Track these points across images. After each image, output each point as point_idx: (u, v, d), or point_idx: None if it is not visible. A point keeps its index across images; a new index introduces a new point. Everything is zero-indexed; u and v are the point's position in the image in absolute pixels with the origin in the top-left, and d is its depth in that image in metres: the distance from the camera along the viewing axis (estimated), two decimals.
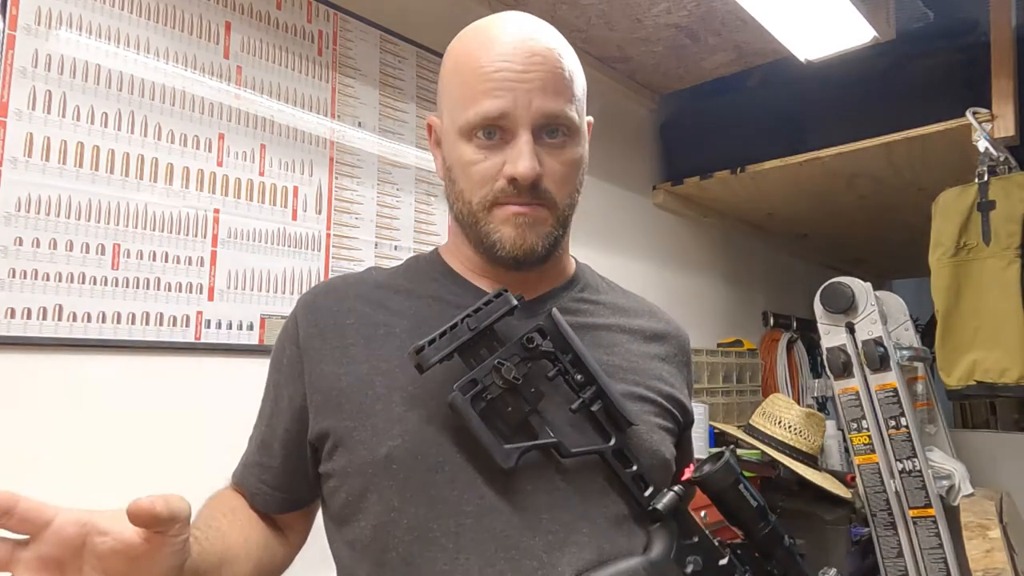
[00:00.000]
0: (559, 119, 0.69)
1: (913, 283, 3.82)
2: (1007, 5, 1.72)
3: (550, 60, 0.69)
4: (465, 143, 0.70)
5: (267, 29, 1.33)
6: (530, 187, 0.68)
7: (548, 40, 0.71)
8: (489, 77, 0.67)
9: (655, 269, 2.40)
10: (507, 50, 0.68)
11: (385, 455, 0.65)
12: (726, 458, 0.69)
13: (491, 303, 0.64)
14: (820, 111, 2.07)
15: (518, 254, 0.70)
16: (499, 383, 0.62)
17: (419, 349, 0.61)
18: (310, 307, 0.75)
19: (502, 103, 0.67)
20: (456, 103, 0.70)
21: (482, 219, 0.70)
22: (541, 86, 0.68)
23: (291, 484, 0.75)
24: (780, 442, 1.94)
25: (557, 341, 0.66)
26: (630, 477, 0.66)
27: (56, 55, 1.07)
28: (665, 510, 0.65)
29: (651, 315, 0.85)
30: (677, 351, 0.84)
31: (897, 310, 2.01)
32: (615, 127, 2.27)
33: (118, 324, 1.10)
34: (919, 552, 1.70)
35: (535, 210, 0.69)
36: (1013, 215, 1.63)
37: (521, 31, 0.70)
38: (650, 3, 1.77)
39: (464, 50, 0.72)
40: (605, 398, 0.65)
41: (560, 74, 0.69)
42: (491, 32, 0.71)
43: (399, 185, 1.53)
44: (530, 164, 0.66)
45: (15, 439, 1.00)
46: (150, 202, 1.15)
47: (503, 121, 0.67)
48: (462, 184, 0.71)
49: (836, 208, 2.57)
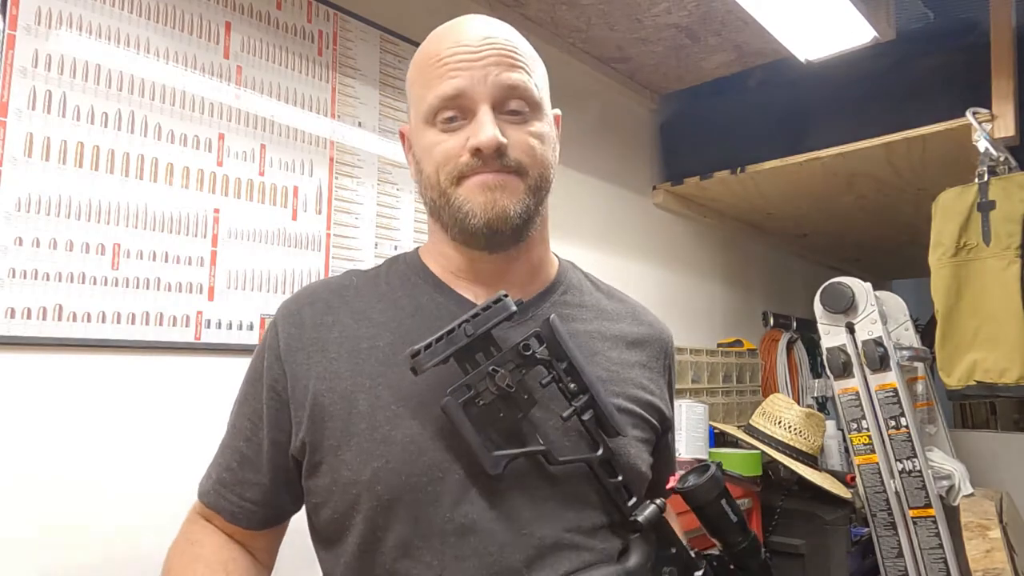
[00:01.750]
0: (517, 90, 0.70)
1: (913, 283, 3.82)
2: (1007, 5, 1.72)
3: (502, 40, 0.71)
4: (428, 129, 0.71)
5: (267, 29, 1.33)
6: (495, 156, 0.68)
7: (499, 26, 0.73)
8: (445, 62, 0.69)
9: (655, 269, 2.40)
10: (461, 37, 0.71)
11: (369, 476, 0.65)
12: (712, 472, 0.70)
13: (489, 308, 0.63)
14: (820, 111, 2.07)
15: (490, 218, 0.69)
16: (492, 389, 0.62)
17: (415, 353, 0.60)
18: (292, 319, 0.73)
19: (458, 82, 0.68)
20: (418, 95, 0.72)
21: (451, 194, 0.70)
22: (496, 61, 0.69)
23: (278, 498, 0.74)
24: (780, 442, 1.94)
25: (553, 348, 0.66)
26: (614, 487, 0.67)
27: (56, 55, 1.07)
28: (646, 522, 0.65)
29: (633, 317, 0.84)
30: (658, 354, 0.83)
31: (897, 310, 2.01)
32: (615, 127, 2.27)
33: (118, 324, 1.10)
34: (919, 552, 1.70)
35: (504, 176, 0.69)
36: (1013, 215, 1.63)
37: (475, 22, 0.73)
38: (650, 3, 1.77)
39: (423, 50, 0.74)
40: (597, 408, 0.65)
41: (514, 51, 0.71)
42: (445, 28, 0.74)
43: (399, 185, 1.53)
44: (491, 131, 0.67)
45: (15, 439, 1.00)
46: (150, 202, 1.15)
47: (462, 100, 0.68)
48: (430, 168, 0.71)
49: (836, 208, 2.57)
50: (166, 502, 1.02)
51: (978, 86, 1.74)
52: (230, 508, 0.73)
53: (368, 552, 0.66)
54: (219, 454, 0.77)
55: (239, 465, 0.74)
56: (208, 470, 0.77)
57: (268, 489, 0.73)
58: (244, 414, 0.74)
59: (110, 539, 1.07)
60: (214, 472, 0.76)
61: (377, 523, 0.65)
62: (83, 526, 1.05)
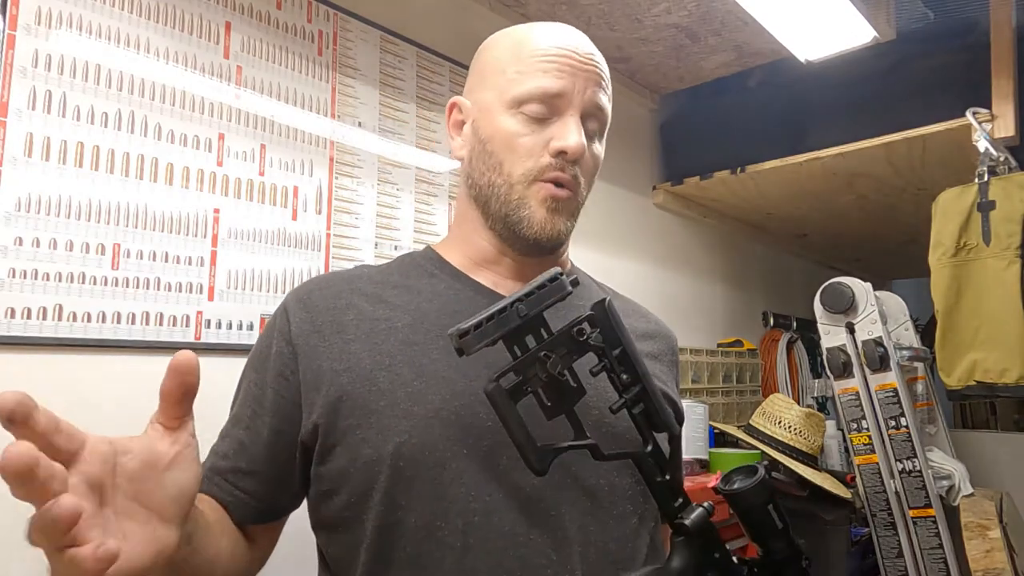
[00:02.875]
0: (602, 113, 0.75)
1: (913, 283, 3.81)
2: (1007, 5, 1.72)
3: (602, 66, 0.76)
4: (511, 116, 0.71)
5: (267, 29, 1.33)
6: (573, 163, 0.71)
7: (599, 53, 0.77)
8: (552, 58, 0.71)
9: (655, 269, 2.40)
10: (569, 41, 0.73)
11: (392, 452, 0.64)
12: (760, 476, 0.65)
13: (545, 287, 0.58)
14: (820, 111, 2.07)
15: (542, 237, 0.71)
16: (542, 376, 0.57)
17: (463, 333, 0.55)
18: (304, 303, 0.72)
19: (563, 82, 0.71)
20: (510, 78, 0.72)
21: (520, 192, 0.71)
22: (595, 80, 0.73)
23: (273, 491, 0.71)
24: (780, 442, 1.94)
25: (607, 333, 0.60)
26: (660, 486, 0.62)
27: (56, 55, 1.07)
28: (693, 527, 0.61)
29: (640, 315, 0.86)
30: (666, 349, 0.85)
31: (897, 310, 2.01)
32: (615, 127, 2.24)
33: (118, 324, 1.10)
34: (919, 552, 1.70)
35: (572, 195, 0.72)
36: (1013, 215, 1.63)
37: (580, 34, 0.76)
38: (650, 3, 1.77)
39: (522, 35, 0.75)
40: (648, 401, 0.61)
41: (606, 77, 0.76)
42: (553, 28, 0.76)
43: (399, 185, 1.53)
44: (579, 139, 0.70)
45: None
46: (150, 202, 1.15)
47: (558, 100, 0.71)
48: (503, 155, 0.71)
49: (836, 208, 2.57)
50: None
51: (978, 86, 1.74)
52: (221, 496, 0.71)
53: (387, 535, 0.64)
54: (217, 442, 0.75)
55: (235, 453, 0.72)
56: (206, 458, 0.74)
57: (263, 479, 0.71)
58: (245, 402, 0.73)
59: None
60: (209, 459, 0.73)
61: (399, 502, 0.64)
62: None
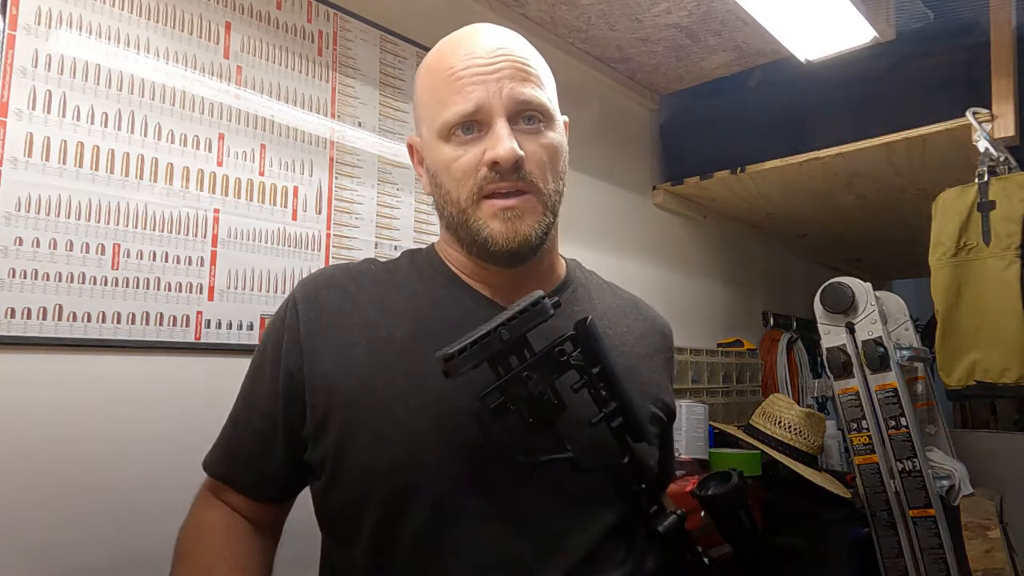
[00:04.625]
0: (531, 104, 0.71)
1: (913, 283, 3.82)
2: (1007, 5, 1.72)
3: (514, 52, 0.72)
4: (444, 144, 0.71)
5: (267, 29, 1.33)
6: (512, 169, 0.68)
7: (510, 37, 0.73)
8: (459, 76, 0.69)
9: (655, 269, 2.40)
10: (472, 49, 0.71)
11: (387, 463, 0.65)
12: (734, 483, 0.69)
13: (527, 312, 0.61)
14: (820, 111, 2.07)
15: (512, 247, 0.70)
16: (524, 395, 0.60)
17: (448, 357, 0.58)
18: (311, 301, 0.74)
19: (475, 97, 0.68)
20: (432, 110, 0.72)
21: (471, 215, 0.70)
22: (509, 74, 0.70)
23: (289, 474, 0.75)
24: (780, 442, 1.93)
25: (587, 352, 0.63)
26: (637, 494, 0.66)
27: (56, 55, 1.07)
28: (665, 532, 0.64)
29: (636, 310, 0.86)
30: (660, 346, 0.85)
31: (897, 310, 2.01)
32: (615, 127, 2.27)
33: (118, 324, 1.10)
34: (919, 552, 1.70)
35: (522, 200, 0.70)
36: (1013, 215, 1.63)
37: (483, 32, 0.73)
38: (650, 3, 1.77)
39: (433, 61, 0.74)
40: (627, 415, 0.64)
41: (525, 63, 0.72)
42: (455, 39, 0.74)
43: (399, 185, 1.53)
44: (508, 145, 0.67)
45: (15, 439, 1.00)
46: (150, 202, 1.15)
47: (479, 115, 0.69)
48: (447, 184, 0.71)
49: (836, 208, 2.57)
50: (167, 502, 1.02)
51: (978, 86, 1.74)
52: (242, 480, 0.75)
53: (380, 542, 0.66)
54: (232, 426, 0.77)
55: (251, 439, 0.74)
56: (218, 442, 0.78)
57: (281, 464, 0.74)
58: (259, 391, 0.75)
59: (111, 539, 1.07)
60: (225, 445, 0.77)
61: (392, 510, 0.66)
62: (83, 526, 1.05)
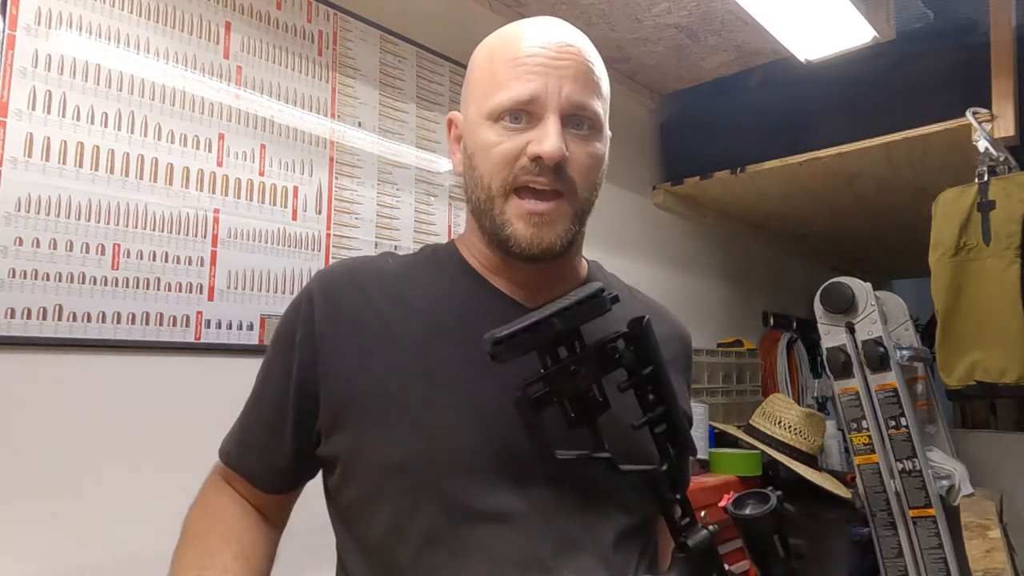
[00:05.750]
0: (587, 110, 0.70)
1: (913, 283, 3.82)
2: (1007, 5, 1.72)
3: (583, 54, 0.70)
4: (490, 127, 0.69)
5: (267, 29, 1.33)
6: (554, 169, 0.67)
7: (582, 39, 0.72)
8: (522, 62, 0.68)
9: (655, 269, 2.40)
10: (542, 39, 0.69)
11: (400, 460, 0.65)
12: (772, 504, 0.65)
13: (584, 303, 0.57)
14: (820, 111, 2.07)
15: (534, 252, 0.68)
16: (569, 389, 0.57)
17: (498, 340, 0.55)
18: (328, 296, 0.72)
19: (533, 86, 0.67)
20: (486, 90, 0.70)
21: (498, 206, 0.68)
22: (573, 74, 0.69)
23: (299, 467, 0.75)
24: (780, 442, 1.94)
25: (641, 352, 0.60)
26: (671, 504, 0.62)
27: (56, 55, 1.07)
28: (695, 548, 0.61)
29: (655, 315, 0.84)
30: (679, 354, 0.84)
31: (897, 310, 2.01)
32: (615, 127, 2.23)
33: (118, 324, 1.10)
34: (919, 552, 1.70)
35: (555, 206, 0.68)
36: (1013, 215, 1.63)
37: (556, 26, 0.72)
38: (650, 3, 1.77)
39: (498, 41, 0.72)
40: (672, 422, 0.61)
41: (591, 68, 0.71)
42: (526, 26, 0.72)
43: (399, 185, 1.53)
44: (557, 143, 0.66)
45: (15, 439, 1.00)
46: (150, 202, 1.15)
47: (532, 106, 0.67)
48: (482, 168, 0.69)
49: (836, 208, 2.57)
50: (167, 502, 1.02)
51: (978, 86, 1.74)
52: (252, 471, 0.75)
53: (391, 538, 0.66)
54: (245, 415, 0.77)
55: (263, 430, 0.74)
56: (232, 429, 0.78)
57: (291, 458, 0.74)
58: (273, 383, 0.74)
59: (111, 538, 1.07)
60: (238, 433, 0.77)
61: (404, 507, 0.65)
62: (84, 526, 1.05)
